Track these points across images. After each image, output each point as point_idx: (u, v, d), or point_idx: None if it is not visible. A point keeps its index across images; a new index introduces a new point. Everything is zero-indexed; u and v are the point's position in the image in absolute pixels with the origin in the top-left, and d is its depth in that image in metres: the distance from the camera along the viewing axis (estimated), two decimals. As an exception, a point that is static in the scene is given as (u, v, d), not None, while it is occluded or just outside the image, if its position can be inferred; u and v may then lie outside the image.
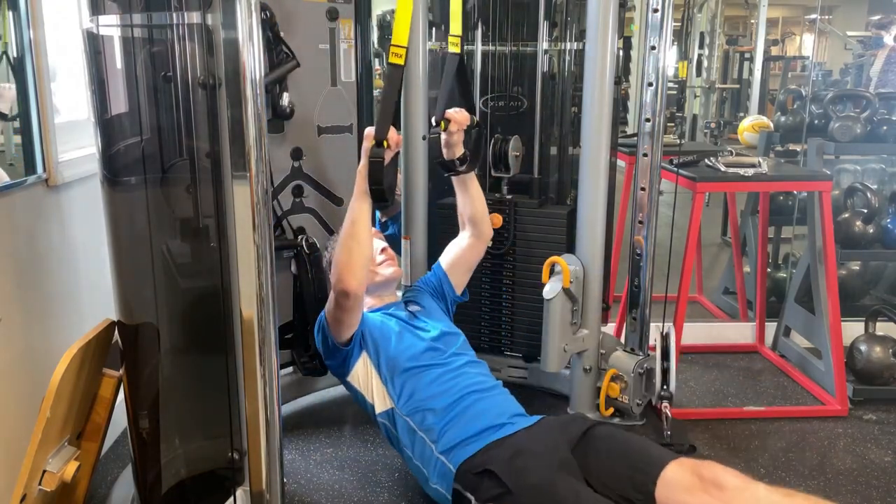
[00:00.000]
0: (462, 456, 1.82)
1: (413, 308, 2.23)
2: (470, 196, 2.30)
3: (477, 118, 2.22)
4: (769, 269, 3.45)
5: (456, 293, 2.37)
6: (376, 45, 5.66)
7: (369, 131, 1.89)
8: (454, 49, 2.12)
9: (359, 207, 1.92)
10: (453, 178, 2.27)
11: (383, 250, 2.24)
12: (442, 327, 2.17)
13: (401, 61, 1.82)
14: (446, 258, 2.37)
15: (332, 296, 1.98)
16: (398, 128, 1.93)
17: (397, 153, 1.97)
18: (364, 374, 2.06)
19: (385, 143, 1.83)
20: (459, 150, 2.20)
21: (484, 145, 2.46)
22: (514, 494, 1.67)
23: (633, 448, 1.75)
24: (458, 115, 2.13)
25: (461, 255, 2.35)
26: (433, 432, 1.90)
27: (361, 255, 1.94)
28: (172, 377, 1.85)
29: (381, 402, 2.03)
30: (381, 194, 1.87)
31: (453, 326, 2.24)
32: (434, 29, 2.69)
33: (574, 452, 1.75)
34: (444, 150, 2.18)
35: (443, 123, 2.11)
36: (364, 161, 1.88)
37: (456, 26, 2.10)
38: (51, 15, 1.92)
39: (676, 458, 1.66)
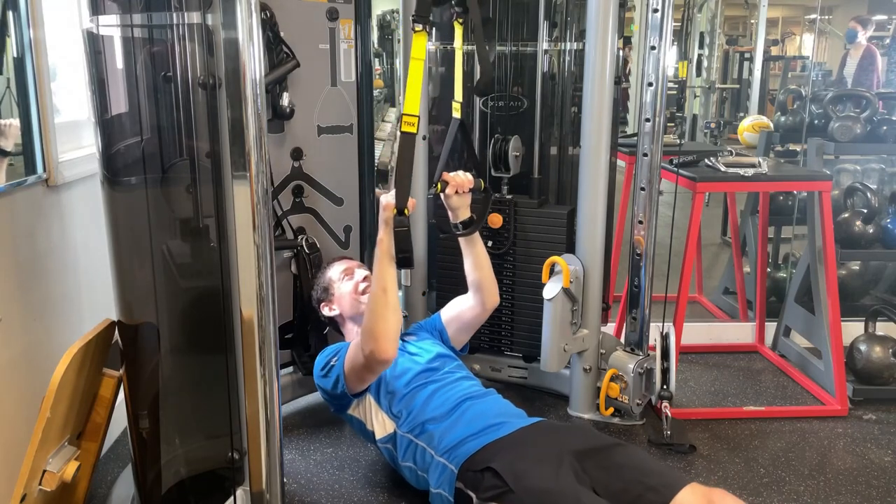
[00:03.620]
0: (464, 455, 1.82)
1: (407, 338, 2.25)
2: (475, 258, 2.23)
3: (485, 183, 2.17)
4: (769, 269, 3.45)
5: (454, 347, 2.32)
6: (376, 46, 5.67)
7: (387, 201, 1.87)
8: (456, 114, 2.12)
9: (388, 274, 1.90)
10: (459, 238, 2.22)
11: (365, 278, 2.20)
12: (436, 351, 2.17)
13: (413, 129, 1.82)
14: (447, 313, 2.32)
15: (360, 358, 1.93)
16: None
17: None
18: (363, 404, 2.07)
19: (406, 211, 1.84)
20: (465, 214, 2.15)
21: (487, 211, 2.43)
22: (514, 493, 1.67)
23: (649, 469, 1.73)
24: (457, 178, 2.09)
25: (461, 315, 2.29)
26: (433, 438, 1.91)
27: (398, 321, 1.93)
28: (172, 377, 1.85)
29: (380, 428, 2.03)
30: (410, 261, 1.88)
31: (447, 350, 2.23)
32: (434, 29, 2.69)
33: (584, 462, 1.74)
34: (449, 213, 2.15)
35: (438, 185, 2.08)
36: (387, 231, 1.87)
37: (458, 92, 2.09)
38: (51, 15, 1.92)
39: (690, 484, 1.65)
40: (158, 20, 1.65)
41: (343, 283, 2.21)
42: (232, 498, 1.59)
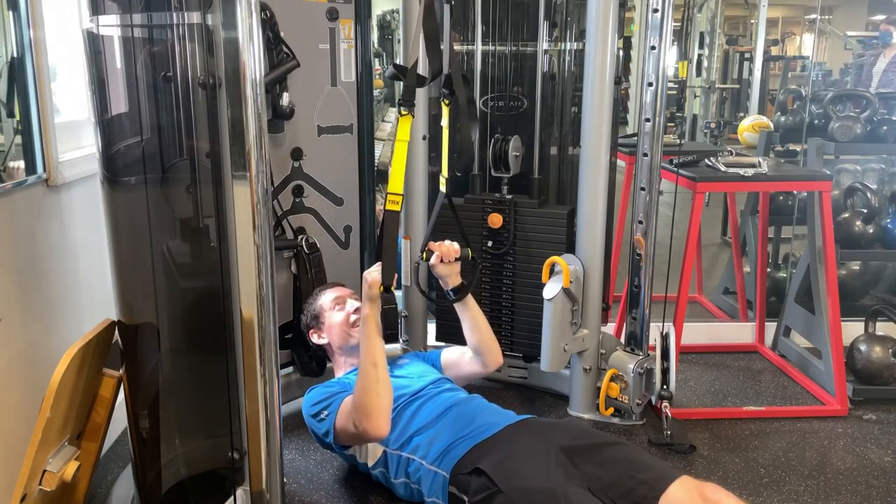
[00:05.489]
0: (453, 459, 1.82)
1: (399, 361, 2.23)
2: (472, 322, 2.19)
3: (471, 253, 2.17)
4: (769, 269, 3.45)
5: None
6: (376, 45, 5.66)
7: (373, 277, 1.88)
8: (443, 188, 2.13)
9: (377, 349, 1.89)
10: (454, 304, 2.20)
11: (357, 310, 2.17)
12: (421, 371, 2.16)
13: (398, 207, 1.84)
14: (447, 357, 2.30)
15: (351, 429, 1.91)
16: None
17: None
18: None
19: (391, 288, 1.85)
20: (455, 281, 2.14)
21: (477, 279, 2.42)
22: (504, 494, 1.67)
23: (640, 462, 1.73)
24: (442, 247, 2.09)
25: (461, 366, 2.27)
26: (421, 448, 1.91)
27: (390, 396, 1.91)
28: (172, 377, 1.85)
29: (372, 456, 2.03)
30: (396, 337, 1.95)
31: (434, 371, 2.21)
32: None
33: (575, 458, 1.74)
34: (440, 280, 2.15)
35: (424, 254, 2.09)
36: (373, 307, 1.88)
37: (445, 168, 2.12)
38: (51, 15, 1.92)
39: (681, 477, 1.66)
40: (158, 20, 1.65)
41: (334, 312, 2.18)
42: (232, 498, 1.59)
